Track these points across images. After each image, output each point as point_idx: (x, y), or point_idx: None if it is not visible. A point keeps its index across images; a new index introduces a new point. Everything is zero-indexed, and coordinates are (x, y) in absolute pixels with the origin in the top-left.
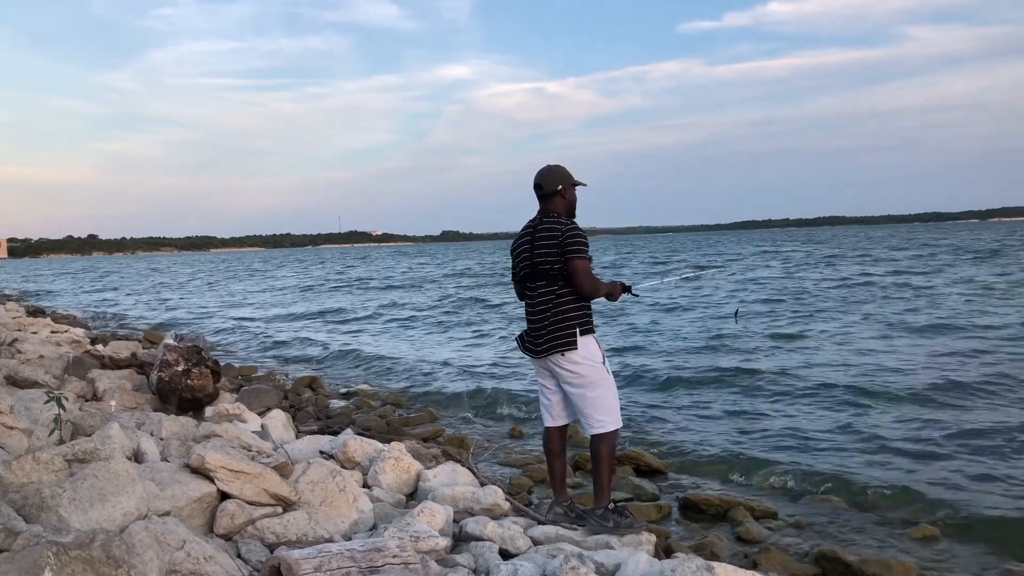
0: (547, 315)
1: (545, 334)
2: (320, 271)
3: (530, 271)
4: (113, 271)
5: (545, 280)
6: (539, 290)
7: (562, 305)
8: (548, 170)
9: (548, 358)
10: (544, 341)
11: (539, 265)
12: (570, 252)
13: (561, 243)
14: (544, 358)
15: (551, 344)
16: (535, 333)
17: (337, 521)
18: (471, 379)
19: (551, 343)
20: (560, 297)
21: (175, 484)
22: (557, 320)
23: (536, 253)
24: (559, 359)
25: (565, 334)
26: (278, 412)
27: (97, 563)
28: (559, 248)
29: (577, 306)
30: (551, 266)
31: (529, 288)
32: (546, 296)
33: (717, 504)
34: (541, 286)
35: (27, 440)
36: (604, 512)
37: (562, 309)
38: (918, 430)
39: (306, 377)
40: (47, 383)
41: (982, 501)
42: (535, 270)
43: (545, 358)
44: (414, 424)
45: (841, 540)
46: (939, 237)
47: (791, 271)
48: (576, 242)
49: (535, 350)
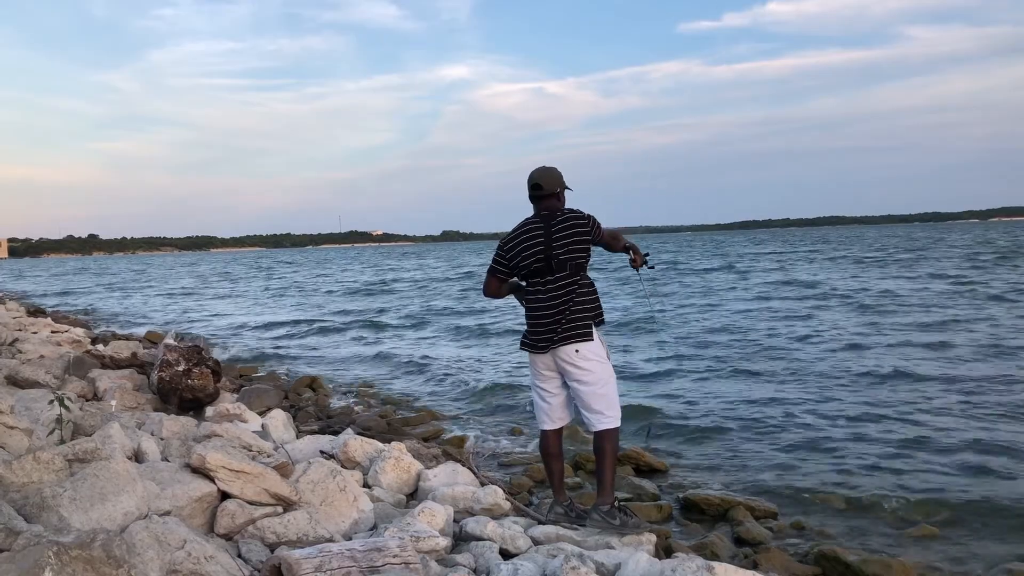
0: (568, 306)
1: (565, 323)
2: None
3: (543, 265)
4: (143, 269)
5: (567, 271)
6: (559, 281)
7: (583, 296)
8: (547, 171)
9: (559, 352)
10: (563, 331)
11: (559, 256)
12: (599, 235)
13: (592, 232)
14: (554, 351)
15: (570, 335)
16: (550, 326)
17: (337, 521)
18: (471, 379)
19: (570, 333)
20: (581, 288)
21: (176, 484)
22: (578, 311)
23: (556, 246)
24: (571, 353)
25: (584, 325)
26: (278, 412)
27: (98, 563)
28: (591, 238)
29: (594, 298)
30: (578, 257)
31: (540, 283)
32: (567, 287)
33: (717, 504)
34: (562, 278)
35: (28, 440)
36: (610, 509)
37: (583, 300)
38: (918, 430)
39: (306, 377)
40: (48, 383)
41: (982, 501)
42: (550, 263)
43: (556, 351)
44: (414, 424)
45: (841, 540)
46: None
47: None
48: (599, 226)
49: (549, 342)
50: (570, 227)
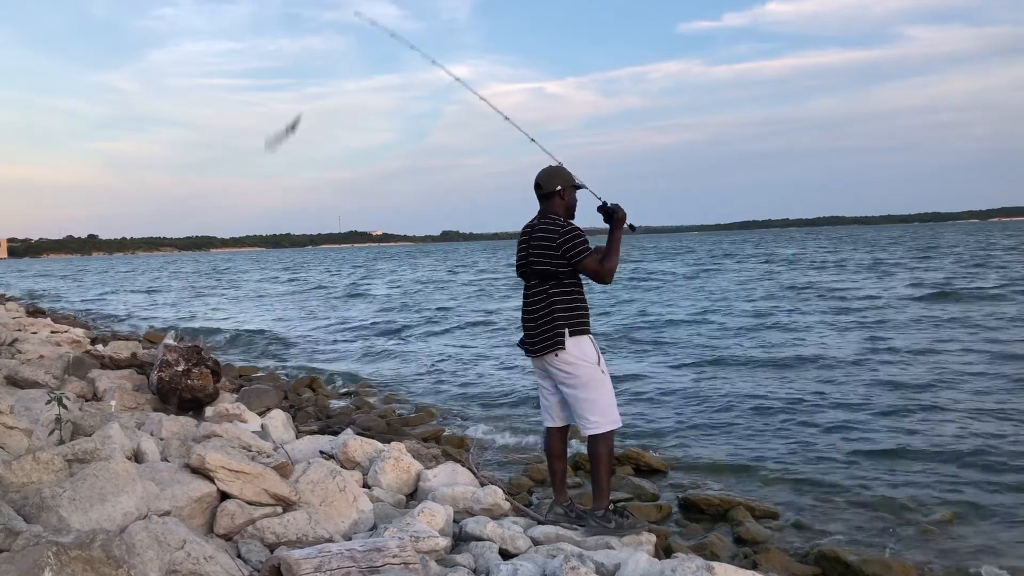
0: (539, 315)
1: (538, 334)
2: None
3: (526, 271)
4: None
5: (538, 279)
6: (532, 290)
7: (553, 305)
8: (548, 171)
9: (543, 358)
10: (537, 341)
11: (532, 265)
12: (575, 255)
13: (560, 247)
14: (540, 358)
15: (543, 344)
16: (529, 333)
17: (337, 521)
18: (471, 379)
19: (543, 343)
20: (552, 297)
21: (175, 484)
22: (547, 320)
23: (531, 253)
24: (552, 359)
25: (555, 334)
26: (278, 412)
27: (97, 563)
28: (558, 251)
29: (567, 307)
30: (544, 266)
31: (525, 288)
32: (538, 296)
33: (717, 504)
34: (534, 285)
35: (27, 440)
36: (605, 513)
37: (553, 309)
38: (918, 430)
39: (306, 377)
40: (47, 383)
41: (982, 500)
42: (529, 270)
43: (541, 358)
44: (414, 424)
45: (841, 540)
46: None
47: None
48: (576, 243)
49: (531, 350)
50: (543, 235)
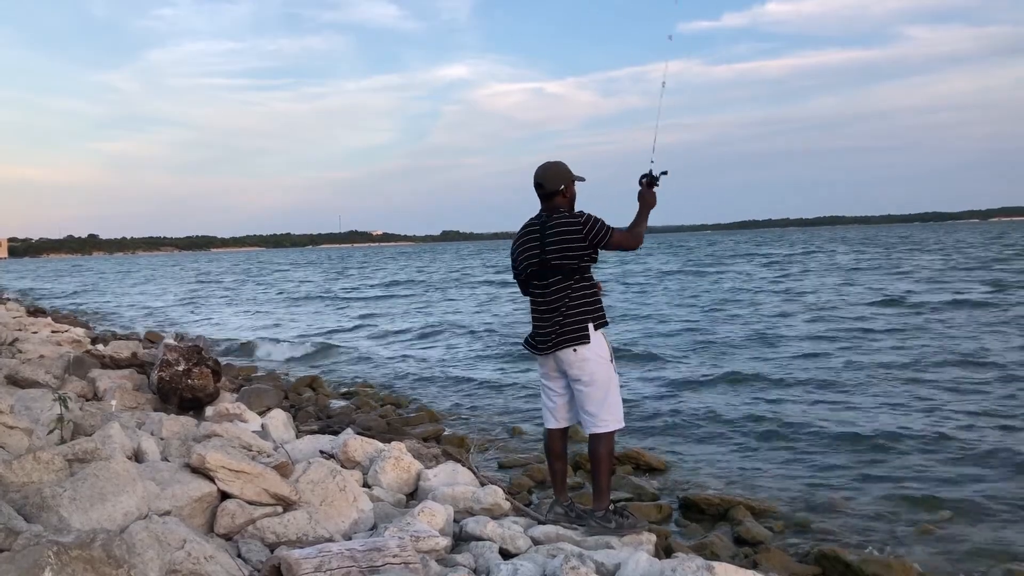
0: (561, 310)
1: (560, 328)
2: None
3: (538, 268)
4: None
5: (560, 275)
6: (553, 286)
7: (577, 299)
8: (548, 168)
9: (559, 353)
10: (558, 335)
11: (551, 261)
12: (603, 237)
13: (587, 236)
14: (555, 354)
15: (566, 338)
16: (547, 329)
17: (337, 521)
18: (471, 379)
19: (566, 337)
20: (575, 291)
21: (175, 484)
22: (572, 314)
23: (549, 250)
24: (570, 355)
25: (579, 327)
26: (278, 412)
27: (97, 563)
28: (585, 241)
29: (591, 300)
30: (568, 260)
31: (538, 286)
32: (561, 291)
33: (717, 504)
34: (555, 282)
35: (27, 440)
36: (605, 514)
37: (577, 303)
38: (918, 430)
39: (306, 377)
40: (48, 383)
41: (983, 500)
42: (545, 267)
43: (556, 354)
44: (414, 424)
45: (841, 540)
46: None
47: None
48: (600, 227)
49: (547, 345)
50: (561, 231)
